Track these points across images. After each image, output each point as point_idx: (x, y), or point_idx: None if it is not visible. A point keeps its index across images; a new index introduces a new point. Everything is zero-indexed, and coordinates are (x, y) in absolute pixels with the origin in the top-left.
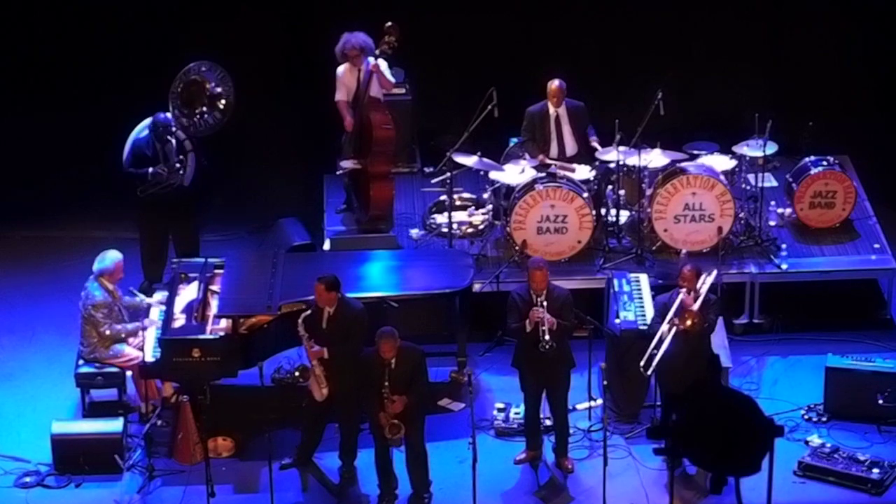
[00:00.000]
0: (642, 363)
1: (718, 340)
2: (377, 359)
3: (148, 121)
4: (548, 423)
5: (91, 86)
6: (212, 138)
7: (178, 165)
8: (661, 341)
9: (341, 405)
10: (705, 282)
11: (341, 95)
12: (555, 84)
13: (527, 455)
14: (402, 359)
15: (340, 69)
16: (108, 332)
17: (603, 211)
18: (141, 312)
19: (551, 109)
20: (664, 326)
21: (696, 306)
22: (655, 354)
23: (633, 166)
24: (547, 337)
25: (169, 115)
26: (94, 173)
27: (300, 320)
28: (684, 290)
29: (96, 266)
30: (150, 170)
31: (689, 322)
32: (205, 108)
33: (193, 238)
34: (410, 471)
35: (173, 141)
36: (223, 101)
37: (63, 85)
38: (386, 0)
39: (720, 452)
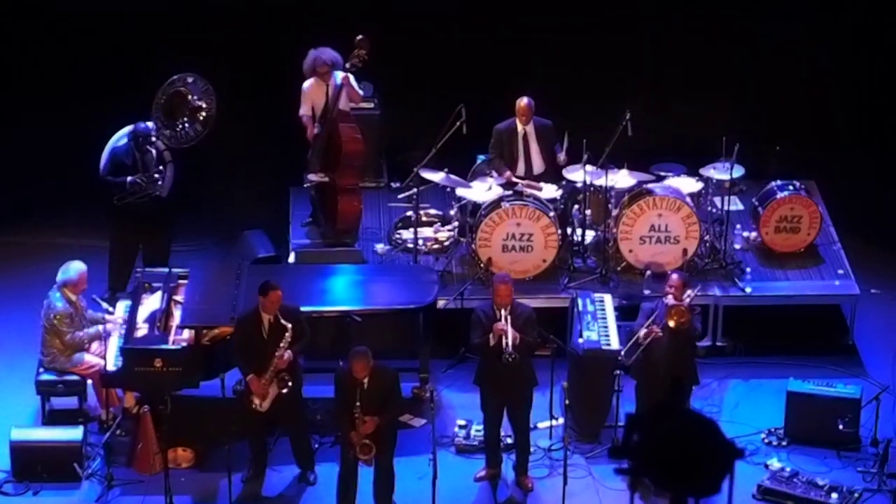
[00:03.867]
0: (623, 351)
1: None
2: (350, 377)
3: (127, 129)
4: (508, 441)
5: (61, 93)
6: (186, 149)
7: (157, 176)
8: (636, 344)
9: (286, 411)
10: (690, 296)
11: (306, 110)
12: (523, 101)
13: (487, 472)
14: (376, 379)
15: (306, 84)
16: (70, 340)
17: (569, 230)
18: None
19: (519, 127)
20: (642, 332)
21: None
22: (634, 350)
23: (600, 186)
24: (510, 348)
25: (150, 124)
26: (60, 180)
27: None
28: (671, 297)
29: (60, 276)
30: (129, 179)
31: (675, 318)
32: (185, 120)
33: (165, 249)
34: (377, 491)
35: (153, 151)
36: (204, 114)
37: (33, 92)
38: (356, 14)
39: (681, 473)
